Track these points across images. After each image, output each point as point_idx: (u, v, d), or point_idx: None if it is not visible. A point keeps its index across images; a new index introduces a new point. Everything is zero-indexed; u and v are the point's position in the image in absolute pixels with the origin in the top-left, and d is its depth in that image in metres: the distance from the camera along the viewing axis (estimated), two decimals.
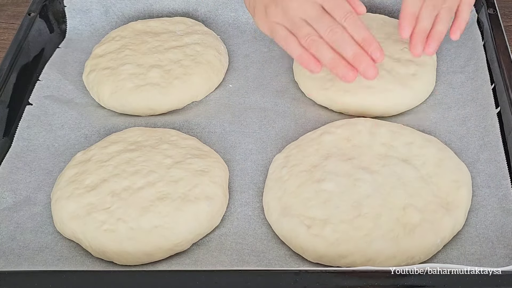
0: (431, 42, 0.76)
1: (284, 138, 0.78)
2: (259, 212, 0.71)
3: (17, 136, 0.79)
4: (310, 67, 0.74)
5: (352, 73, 0.73)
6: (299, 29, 0.75)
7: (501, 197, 0.70)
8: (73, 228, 0.67)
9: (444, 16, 0.77)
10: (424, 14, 0.76)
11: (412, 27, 0.76)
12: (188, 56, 0.85)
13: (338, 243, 0.64)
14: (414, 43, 0.76)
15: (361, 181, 0.69)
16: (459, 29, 0.78)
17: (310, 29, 0.74)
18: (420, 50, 0.76)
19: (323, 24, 0.74)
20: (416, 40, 0.76)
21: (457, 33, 0.78)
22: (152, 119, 0.82)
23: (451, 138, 0.77)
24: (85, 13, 0.95)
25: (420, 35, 0.76)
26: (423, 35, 0.76)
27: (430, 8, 0.76)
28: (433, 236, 0.65)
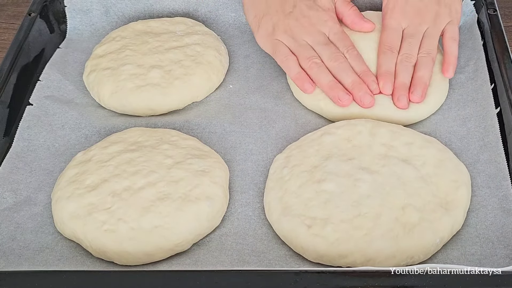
0: (413, 90, 0.79)
1: (285, 139, 0.78)
2: (259, 213, 0.71)
3: (18, 136, 0.79)
4: (305, 86, 0.80)
5: (348, 97, 0.78)
6: (303, 51, 0.81)
7: (501, 197, 0.70)
8: (73, 228, 0.67)
9: (422, 62, 0.80)
10: (399, 69, 0.80)
11: (392, 83, 0.79)
12: (189, 57, 0.85)
13: (338, 243, 0.64)
14: (397, 97, 0.78)
15: (361, 181, 0.69)
16: (451, 66, 0.80)
17: (314, 52, 0.81)
18: (405, 102, 0.78)
19: (327, 51, 0.80)
20: (398, 94, 0.78)
21: (449, 70, 0.80)
22: (152, 119, 0.82)
23: (451, 138, 0.77)
24: (85, 13, 0.95)
25: (401, 88, 0.79)
26: (403, 87, 0.79)
27: (404, 62, 0.80)
28: (432, 235, 0.65)
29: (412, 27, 0.82)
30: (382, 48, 0.81)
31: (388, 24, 0.83)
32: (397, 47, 0.81)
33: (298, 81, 0.80)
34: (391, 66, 0.80)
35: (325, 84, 0.79)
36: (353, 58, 0.80)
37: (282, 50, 0.82)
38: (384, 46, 0.81)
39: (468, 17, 0.90)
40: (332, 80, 0.79)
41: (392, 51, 0.81)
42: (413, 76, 0.79)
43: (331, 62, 0.80)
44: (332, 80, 0.79)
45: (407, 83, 0.79)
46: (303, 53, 0.81)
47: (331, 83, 0.78)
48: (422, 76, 0.79)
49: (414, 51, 0.80)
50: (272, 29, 0.83)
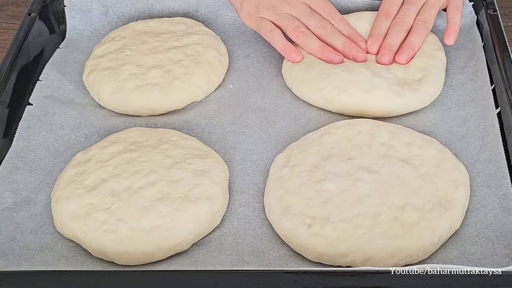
0: (400, 52, 0.81)
1: (284, 139, 0.78)
2: (259, 212, 0.71)
3: (17, 136, 0.79)
4: (293, 56, 0.82)
5: (339, 57, 0.81)
6: (288, 22, 0.83)
7: (501, 196, 0.70)
8: (73, 228, 0.67)
9: (416, 29, 0.82)
10: (391, 31, 0.82)
11: (379, 44, 0.82)
12: (189, 57, 0.85)
13: (338, 242, 0.65)
14: (381, 54, 0.81)
15: (361, 181, 0.69)
16: (453, 34, 0.81)
17: (298, 22, 0.83)
18: (387, 59, 0.81)
19: (313, 20, 0.83)
20: (382, 52, 0.81)
21: (451, 37, 0.81)
22: (152, 119, 0.82)
23: (451, 138, 0.77)
24: (85, 13, 0.95)
25: (387, 48, 0.82)
26: (390, 48, 0.82)
27: (398, 26, 0.82)
28: (431, 234, 0.65)
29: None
30: (379, 13, 0.84)
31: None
32: (394, 13, 0.84)
33: (286, 52, 0.83)
34: (383, 29, 0.83)
35: (315, 49, 0.82)
36: (339, 23, 0.84)
37: (267, 25, 0.84)
38: (381, 11, 0.84)
39: (467, 18, 0.90)
40: (322, 44, 0.82)
41: (388, 16, 0.83)
42: (403, 41, 0.82)
43: (319, 30, 0.83)
44: (321, 45, 0.82)
45: (394, 44, 0.81)
46: (288, 25, 0.83)
47: (321, 47, 0.82)
48: (412, 41, 0.81)
49: (409, 17, 0.82)
50: (254, 7, 0.86)
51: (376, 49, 0.82)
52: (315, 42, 0.82)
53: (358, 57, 0.81)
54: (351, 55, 0.81)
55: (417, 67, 0.82)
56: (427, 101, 0.81)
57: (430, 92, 0.80)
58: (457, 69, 0.86)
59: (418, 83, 0.80)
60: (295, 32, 0.83)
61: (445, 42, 0.82)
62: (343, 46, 0.82)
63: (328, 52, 0.81)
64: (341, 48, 0.82)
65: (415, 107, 0.80)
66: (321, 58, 0.82)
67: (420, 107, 0.81)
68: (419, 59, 0.83)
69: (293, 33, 0.83)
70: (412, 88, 0.79)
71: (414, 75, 0.81)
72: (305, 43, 0.82)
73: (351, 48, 0.82)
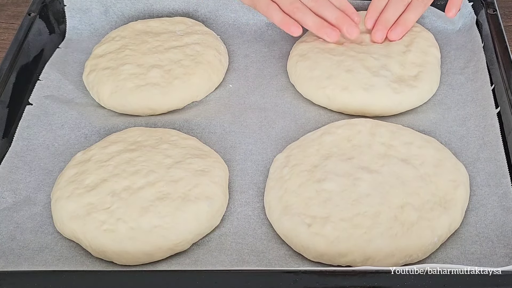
0: (394, 27, 0.83)
1: (284, 139, 0.78)
2: (259, 212, 0.71)
3: (17, 135, 0.79)
4: (292, 29, 0.82)
5: (336, 32, 0.82)
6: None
7: (501, 195, 0.70)
8: (73, 228, 0.67)
9: (413, 5, 0.84)
10: (389, 5, 0.83)
11: (375, 18, 0.83)
12: (188, 56, 0.85)
13: (338, 241, 0.65)
14: (374, 30, 0.82)
15: (361, 181, 0.69)
16: (454, 7, 0.83)
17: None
18: (380, 36, 0.82)
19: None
20: (376, 28, 0.82)
21: (452, 10, 0.83)
22: (152, 119, 0.82)
23: (451, 138, 0.77)
24: (85, 13, 0.95)
25: (382, 23, 0.84)
26: (385, 23, 0.83)
27: (398, 0, 0.83)
28: (430, 234, 0.65)
29: None
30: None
31: None
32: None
33: (284, 26, 0.82)
34: (382, 3, 0.83)
35: (312, 25, 0.82)
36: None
37: (262, 1, 0.84)
38: None
39: (467, 18, 0.90)
40: (317, 19, 0.82)
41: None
42: (400, 16, 0.82)
43: (311, 2, 0.82)
44: (317, 20, 0.82)
45: (390, 20, 0.82)
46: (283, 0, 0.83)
47: (317, 23, 0.82)
48: (407, 18, 0.82)
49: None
50: None
51: (371, 25, 0.83)
52: (311, 17, 0.82)
53: (351, 31, 0.81)
54: (345, 29, 0.81)
55: (412, 63, 0.82)
56: (424, 98, 0.81)
57: (427, 89, 0.81)
58: (457, 69, 0.86)
59: (414, 79, 0.80)
60: (291, 7, 0.82)
61: (446, 15, 0.83)
62: (337, 20, 0.82)
63: (325, 28, 0.82)
64: (334, 22, 0.82)
65: (413, 104, 0.80)
66: (317, 34, 0.82)
67: (418, 104, 0.81)
68: (415, 54, 0.83)
69: (289, 7, 0.82)
70: (409, 85, 0.80)
71: (410, 71, 0.81)
72: (301, 18, 0.82)
73: (344, 22, 0.82)
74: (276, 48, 0.91)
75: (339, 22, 0.82)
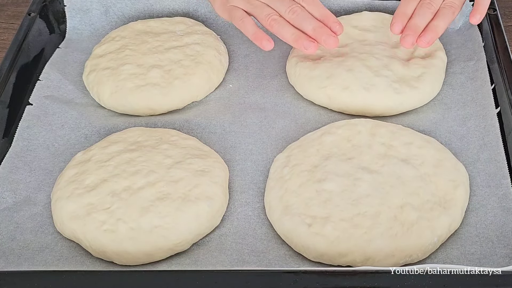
0: (424, 33, 0.79)
1: (284, 139, 0.78)
2: (259, 212, 0.71)
3: (17, 136, 0.79)
4: (263, 43, 0.79)
5: (313, 44, 0.78)
6: (260, 10, 0.81)
7: (501, 196, 0.70)
8: (73, 228, 0.67)
9: (443, 13, 0.80)
10: (417, 12, 0.80)
11: (404, 24, 0.80)
12: (188, 56, 0.85)
13: (338, 241, 0.65)
14: (404, 35, 0.79)
15: (361, 181, 0.69)
16: (479, 13, 0.80)
17: (270, 9, 0.80)
18: (410, 41, 0.79)
19: (283, 5, 0.80)
20: (406, 33, 0.79)
21: (476, 16, 0.80)
22: (152, 119, 0.82)
23: (451, 138, 0.77)
24: (85, 13, 0.95)
25: (411, 28, 0.80)
26: (414, 29, 0.80)
27: (425, 7, 0.80)
28: (430, 234, 0.65)
29: None
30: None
31: None
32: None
33: (257, 40, 0.80)
34: (409, 9, 0.81)
35: (289, 37, 0.79)
36: (310, 5, 0.80)
37: (238, 14, 0.82)
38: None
39: (468, 18, 0.90)
40: (295, 32, 0.79)
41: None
42: (428, 23, 0.80)
43: (289, 14, 0.80)
44: (294, 32, 0.79)
45: (419, 26, 0.79)
46: (260, 13, 0.81)
47: (294, 35, 0.79)
48: (437, 25, 0.79)
49: (438, 1, 0.80)
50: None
51: (399, 30, 0.80)
52: (288, 29, 0.79)
53: (329, 42, 0.77)
54: (322, 40, 0.78)
55: (416, 65, 0.82)
56: (425, 99, 0.81)
57: (428, 91, 0.80)
58: (457, 69, 0.86)
59: (416, 80, 0.80)
60: (268, 20, 0.80)
61: (470, 21, 0.81)
62: (314, 31, 0.78)
63: (302, 40, 0.78)
64: (312, 34, 0.79)
65: (413, 105, 0.80)
66: (294, 46, 0.79)
67: (419, 105, 0.81)
68: (421, 57, 0.83)
69: (266, 21, 0.80)
70: (411, 85, 0.80)
71: (414, 72, 0.81)
72: (278, 31, 0.80)
73: (322, 32, 0.78)
74: (276, 48, 0.90)
75: (317, 33, 0.78)
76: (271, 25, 0.80)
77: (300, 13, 0.79)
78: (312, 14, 0.80)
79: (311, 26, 0.79)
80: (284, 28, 0.79)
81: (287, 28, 0.79)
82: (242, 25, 0.81)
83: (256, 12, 0.81)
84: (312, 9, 0.80)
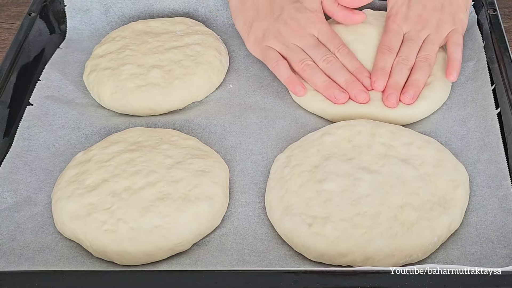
0: (406, 91, 0.79)
1: (285, 139, 0.78)
2: (259, 212, 0.71)
3: (18, 136, 0.79)
4: (296, 89, 0.81)
5: (344, 95, 0.79)
6: (295, 54, 0.82)
7: (501, 197, 0.70)
8: (73, 228, 0.67)
9: (419, 66, 0.81)
10: (395, 69, 0.80)
11: (385, 80, 0.80)
12: (189, 57, 0.85)
13: (338, 241, 0.65)
14: (387, 95, 0.79)
15: (361, 181, 0.69)
16: (454, 70, 0.80)
17: (305, 55, 0.81)
18: (394, 101, 0.78)
19: (319, 53, 0.81)
20: (388, 92, 0.79)
21: (453, 74, 0.80)
22: (152, 119, 0.82)
23: (451, 138, 0.77)
24: (85, 13, 0.95)
25: (392, 87, 0.79)
26: (395, 87, 0.79)
27: (402, 64, 0.80)
28: (430, 233, 0.65)
29: (413, 32, 0.82)
30: (381, 48, 0.82)
31: (389, 27, 0.84)
32: (396, 48, 0.82)
33: (290, 85, 0.81)
34: (387, 65, 0.81)
35: (320, 84, 0.80)
36: (344, 57, 0.81)
37: (273, 55, 0.83)
38: (383, 46, 0.82)
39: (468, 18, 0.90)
40: (327, 79, 0.80)
41: (390, 51, 0.81)
42: (408, 79, 0.80)
43: (323, 63, 0.81)
44: (326, 80, 0.80)
45: (400, 83, 0.79)
46: (294, 57, 0.81)
47: (326, 83, 0.80)
48: (416, 79, 0.79)
49: (412, 55, 0.81)
50: (262, 35, 0.84)
51: (382, 86, 0.79)
52: (320, 77, 0.80)
53: (360, 97, 0.78)
54: (353, 94, 0.78)
55: None
56: (437, 106, 0.80)
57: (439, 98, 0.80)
58: None
59: (427, 89, 0.80)
60: (301, 64, 0.81)
61: (447, 79, 0.80)
62: (346, 83, 0.79)
63: (333, 89, 0.79)
64: (344, 85, 0.79)
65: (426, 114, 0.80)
66: (325, 94, 0.79)
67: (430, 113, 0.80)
68: None
69: (299, 65, 0.81)
70: (422, 95, 0.79)
71: None
72: (310, 77, 0.80)
73: (354, 86, 0.79)
74: None
75: (349, 86, 0.79)
76: (304, 70, 0.80)
77: (334, 63, 0.80)
78: (346, 66, 0.81)
79: (343, 78, 0.80)
80: (316, 75, 0.80)
81: (319, 75, 0.80)
82: (277, 67, 0.82)
83: (291, 56, 0.82)
84: (346, 61, 0.81)
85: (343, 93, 0.79)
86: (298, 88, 0.80)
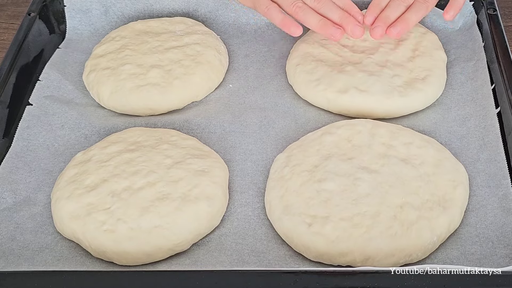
0: (394, 24, 0.80)
1: (284, 138, 0.78)
2: (259, 213, 0.71)
3: (17, 136, 0.79)
4: (292, 29, 0.80)
5: (340, 31, 0.79)
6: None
7: (501, 196, 0.70)
8: (73, 228, 0.67)
9: (415, 6, 0.81)
10: (390, 4, 0.81)
11: (375, 15, 0.80)
12: (188, 56, 0.85)
13: (338, 241, 0.65)
14: (373, 26, 0.80)
15: (361, 180, 0.69)
16: (453, 9, 0.80)
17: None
18: (379, 32, 0.79)
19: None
20: (376, 24, 0.80)
21: (450, 12, 0.80)
22: (152, 119, 0.82)
23: (451, 138, 0.77)
24: (85, 13, 0.95)
25: (381, 20, 0.80)
26: (385, 20, 0.80)
27: (399, 0, 0.80)
28: (429, 233, 0.65)
29: None
30: None
31: None
32: None
33: (284, 26, 0.81)
34: (383, 1, 0.81)
35: (315, 24, 0.80)
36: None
37: (263, 1, 0.82)
38: None
39: (468, 17, 0.90)
40: (321, 18, 0.80)
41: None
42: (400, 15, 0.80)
43: (314, 3, 0.81)
44: (321, 19, 0.80)
45: (390, 17, 0.80)
46: (284, 0, 0.81)
47: (321, 22, 0.80)
48: (408, 17, 0.80)
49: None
50: None
51: (371, 21, 0.80)
52: (314, 16, 0.80)
53: (356, 31, 0.78)
54: (349, 29, 0.79)
55: (420, 67, 0.82)
56: (430, 101, 0.80)
57: (433, 92, 0.80)
58: (457, 69, 0.85)
59: (421, 82, 0.80)
60: (293, 7, 0.80)
61: (444, 17, 0.81)
62: (341, 19, 0.79)
63: (328, 27, 0.79)
64: (338, 21, 0.80)
65: (417, 108, 0.80)
66: (321, 33, 0.80)
67: (423, 107, 0.80)
68: (422, 58, 0.83)
69: (291, 8, 0.81)
70: (416, 88, 0.79)
71: (418, 74, 0.81)
72: (304, 17, 0.80)
73: (349, 22, 0.79)
74: (276, 48, 0.91)
75: (343, 22, 0.79)
76: (296, 12, 0.80)
77: (325, 1, 0.80)
78: (336, 3, 0.81)
79: (337, 15, 0.80)
80: (309, 15, 0.80)
81: (312, 15, 0.80)
82: (268, 12, 0.82)
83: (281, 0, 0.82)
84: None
85: (339, 30, 0.79)
86: (293, 29, 0.80)
